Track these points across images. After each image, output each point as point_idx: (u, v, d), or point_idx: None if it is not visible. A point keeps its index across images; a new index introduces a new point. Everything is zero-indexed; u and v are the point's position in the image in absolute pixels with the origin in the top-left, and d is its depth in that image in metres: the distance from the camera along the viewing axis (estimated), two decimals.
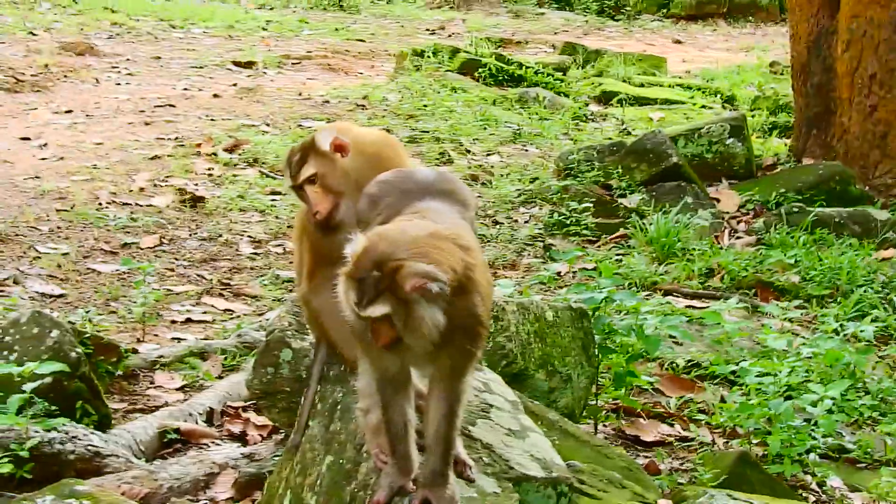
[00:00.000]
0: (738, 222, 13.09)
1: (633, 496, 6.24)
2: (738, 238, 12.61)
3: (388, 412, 4.87)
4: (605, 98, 19.93)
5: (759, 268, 11.24)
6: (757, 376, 8.14)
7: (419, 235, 4.55)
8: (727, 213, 13.26)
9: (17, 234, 10.78)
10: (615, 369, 7.95)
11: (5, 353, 6.96)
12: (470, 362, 4.79)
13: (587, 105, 19.30)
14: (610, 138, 16.16)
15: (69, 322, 8.22)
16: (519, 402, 6.05)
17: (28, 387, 6.55)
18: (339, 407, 5.63)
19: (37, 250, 10.47)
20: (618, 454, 6.84)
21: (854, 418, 8.37)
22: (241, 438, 7.29)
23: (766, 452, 7.63)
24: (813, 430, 7.84)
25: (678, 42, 30.03)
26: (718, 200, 13.49)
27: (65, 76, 18.78)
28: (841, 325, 9.69)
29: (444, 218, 4.82)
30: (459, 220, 4.92)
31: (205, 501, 6.44)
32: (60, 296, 9.56)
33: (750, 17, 34.28)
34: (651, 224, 11.93)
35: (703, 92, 21.01)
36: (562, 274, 10.96)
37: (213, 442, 7.20)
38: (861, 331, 9.23)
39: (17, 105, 16.40)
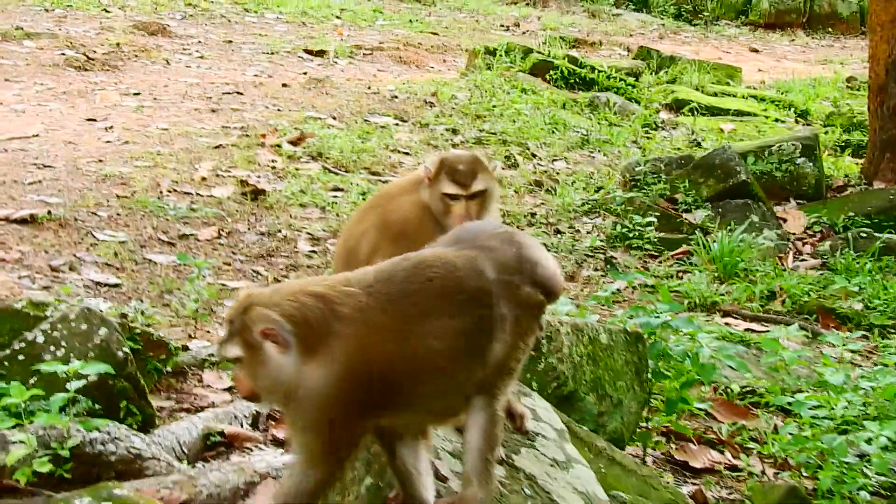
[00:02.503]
0: (804, 244, 12.94)
1: None
2: (802, 260, 12.47)
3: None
4: (677, 106, 19.72)
5: (822, 293, 11.11)
6: (812, 408, 8.04)
7: (295, 291, 4.54)
8: (793, 234, 13.11)
9: (76, 219, 10.77)
10: (668, 394, 7.86)
11: (52, 348, 6.93)
12: (300, 446, 4.62)
13: (658, 112, 19.13)
14: (679, 149, 16.02)
15: (121, 315, 8.22)
16: (566, 430, 5.97)
17: (72, 385, 6.52)
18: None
19: (95, 237, 10.45)
20: (664, 485, 6.75)
21: None
22: (285, 444, 7.23)
23: (816, 487, 7.50)
24: (866, 466, 7.71)
25: (755, 51, 29.70)
26: (785, 221, 13.34)
27: (135, 56, 18.84)
28: None
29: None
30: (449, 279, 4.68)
31: None
32: (115, 285, 9.53)
33: (829, 29, 33.79)
34: (715, 242, 11.82)
35: (777, 105, 20.76)
36: (621, 290, 10.84)
37: (256, 446, 7.14)
38: None
39: (86, 84, 16.45)
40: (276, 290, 4.58)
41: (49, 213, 10.72)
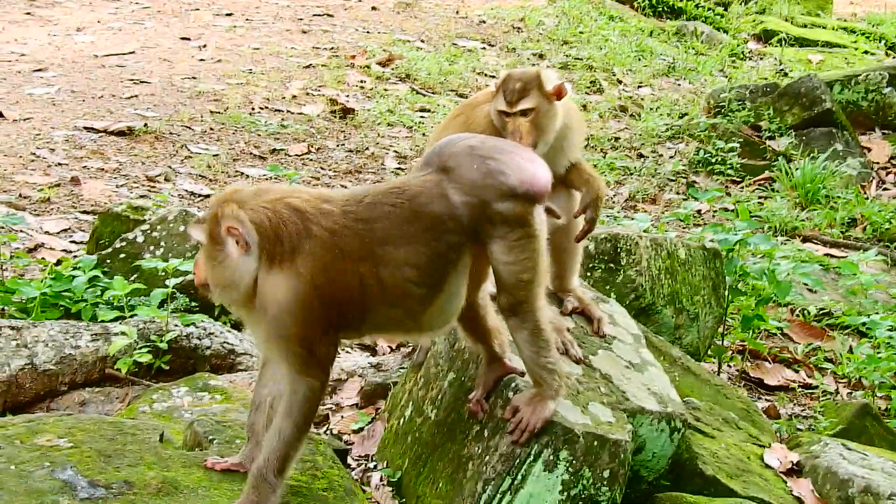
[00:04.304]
0: (887, 173, 12.91)
1: (747, 437, 6.30)
2: (885, 189, 12.45)
3: None
4: (765, 37, 19.59)
5: None
6: (888, 330, 8.11)
7: (275, 199, 4.54)
8: (877, 163, 13.08)
9: (171, 133, 11.08)
10: (744, 311, 7.97)
11: (152, 247, 7.21)
12: (283, 355, 4.58)
13: (746, 42, 19.02)
14: (765, 78, 15.98)
15: None
16: (642, 335, 6.11)
17: (171, 282, 6.79)
18: None
19: (189, 150, 10.75)
20: (738, 395, 6.89)
21: None
22: (371, 348, 7.45)
23: (889, 406, 7.60)
24: None
25: None
26: (869, 150, 13.30)
27: None
28: None
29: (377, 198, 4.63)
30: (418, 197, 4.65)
31: (331, 406, 6.62)
32: (208, 196, 9.80)
33: None
34: (797, 169, 11.84)
35: (867, 37, 20.53)
36: (701, 212, 10.94)
37: (344, 350, 7.35)
38: None
39: (180, 4, 16.69)
40: (260, 192, 4.58)
41: (145, 126, 11.04)
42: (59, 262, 7.53)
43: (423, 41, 15.95)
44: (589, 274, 7.13)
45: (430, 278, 4.64)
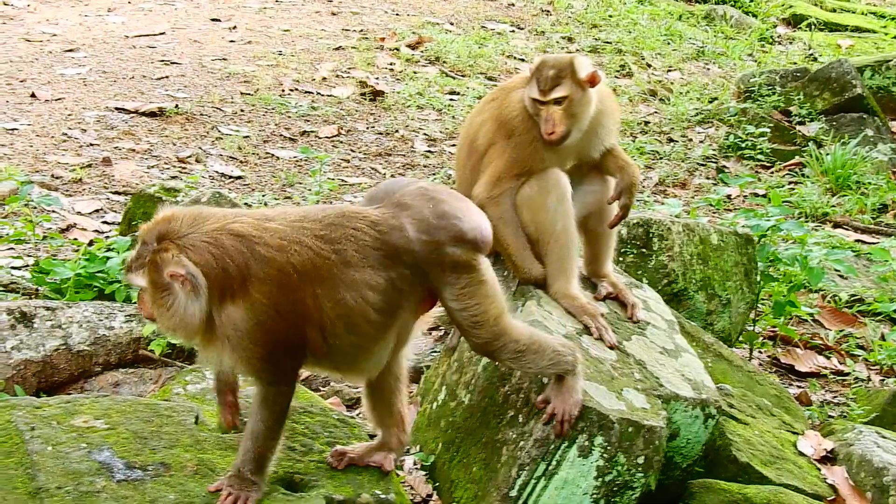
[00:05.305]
0: None
1: (780, 424, 6.30)
2: None
3: None
4: (795, 21, 19.49)
5: None
6: None
7: (215, 229, 4.39)
8: None
9: (202, 114, 11.10)
10: (776, 297, 7.96)
11: None
12: (250, 371, 4.54)
13: (775, 27, 18.94)
14: (795, 63, 15.91)
15: (245, 205, 8.51)
16: (675, 321, 6.12)
17: None
18: None
19: (219, 131, 10.77)
20: (770, 382, 6.89)
21: None
22: None
23: None
24: None
25: None
26: None
27: None
28: None
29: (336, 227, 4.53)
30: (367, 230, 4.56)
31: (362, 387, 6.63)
32: (239, 177, 9.83)
33: None
34: (828, 154, 11.81)
35: None
36: (732, 197, 10.92)
37: None
38: None
39: None
40: (198, 221, 4.41)
41: (176, 107, 11.08)
42: (91, 243, 7.55)
43: (452, 23, 15.94)
44: (621, 259, 7.13)
45: (386, 306, 4.57)
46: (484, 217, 4.81)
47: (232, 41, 13.82)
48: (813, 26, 19.04)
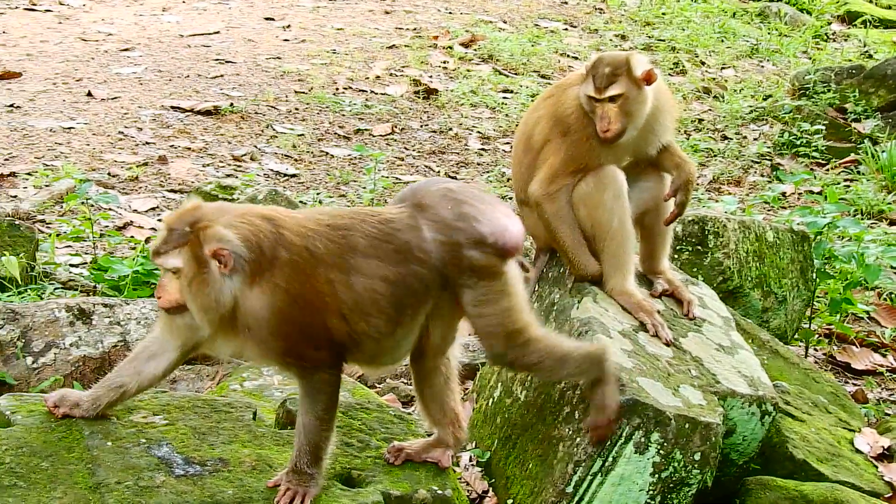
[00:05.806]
0: None
1: (837, 422, 6.27)
2: None
3: None
4: (849, 18, 19.35)
5: None
6: None
7: (244, 212, 4.46)
8: None
9: (256, 113, 11.17)
10: (832, 295, 7.92)
11: None
12: (280, 365, 4.58)
13: (829, 24, 18.82)
14: (850, 60, 15.80)
15: (300, 203, 8.55)
16: (731, 318, 6.10)
17: None
18: (554, 308, 5.77)
19: (274, 129, 10.84)
20: (826, 379, 6.86)
21: None
22: None
23: None
24: None
25: None
26: None
27: None
28: None
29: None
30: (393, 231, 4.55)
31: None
32: (293, 175, 9.89)
33: None
34: (883, 151, 11.73)
35: None
36: (787, 195, 10.87)
37: None
38: None
39: None
40: (224, 209, 4.49)
41: (231, 105, 11.15)
42: (148, 241, 7.62)
43: (505, 22, 15.96)
44: (676, 256, 7.12)
45: (396, 300, 4.53)
46: (514, 221, 4.71)
47: (286, 40, 13.90)
48: (868, 23, 18.90)
